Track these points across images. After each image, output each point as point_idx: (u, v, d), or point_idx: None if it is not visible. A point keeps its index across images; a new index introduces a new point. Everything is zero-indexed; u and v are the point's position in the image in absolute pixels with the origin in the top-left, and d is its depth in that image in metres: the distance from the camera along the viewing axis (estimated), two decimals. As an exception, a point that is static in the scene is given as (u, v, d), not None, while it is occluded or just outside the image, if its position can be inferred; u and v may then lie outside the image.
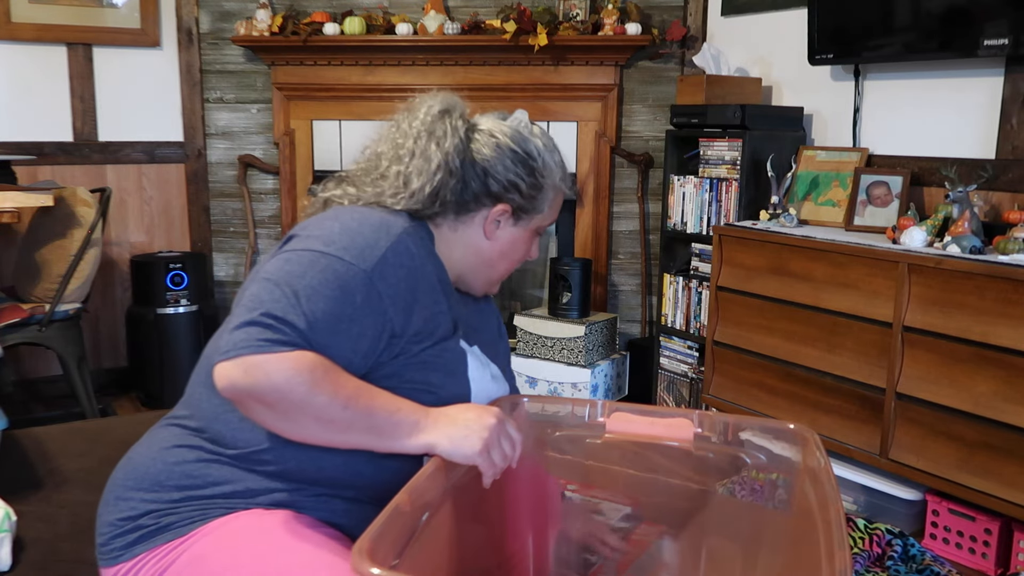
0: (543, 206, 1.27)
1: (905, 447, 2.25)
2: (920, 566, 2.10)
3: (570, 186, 1.34)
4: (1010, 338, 2.00)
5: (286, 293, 1.03)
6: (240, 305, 1.05)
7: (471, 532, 1.18)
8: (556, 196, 1.28)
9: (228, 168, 3.75)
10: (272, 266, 1.08)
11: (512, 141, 1.23)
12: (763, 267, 2.63)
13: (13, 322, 2.73)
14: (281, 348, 0.99)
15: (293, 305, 1.02)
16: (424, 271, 1.15)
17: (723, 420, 1.25)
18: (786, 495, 1.20)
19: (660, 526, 1.35)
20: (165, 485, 1.14)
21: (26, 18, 3.38)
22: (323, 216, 1.17)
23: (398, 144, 1.22)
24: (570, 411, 1.31)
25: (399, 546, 0.90)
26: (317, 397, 0.99)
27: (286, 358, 0.99)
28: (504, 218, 1.24)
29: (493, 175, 1.22)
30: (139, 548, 1.12)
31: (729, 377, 2.78)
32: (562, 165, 1.28)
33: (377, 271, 1.08)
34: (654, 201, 3.58)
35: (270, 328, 1.00)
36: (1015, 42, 2.24)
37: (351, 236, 1.10)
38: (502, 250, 1.26)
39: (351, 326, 1.06)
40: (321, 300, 1.04)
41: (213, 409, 1.15)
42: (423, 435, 1.05)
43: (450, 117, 1.22)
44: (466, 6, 3.54)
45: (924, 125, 2.65)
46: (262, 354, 0.98)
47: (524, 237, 1.28)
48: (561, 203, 1.31)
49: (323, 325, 1.03)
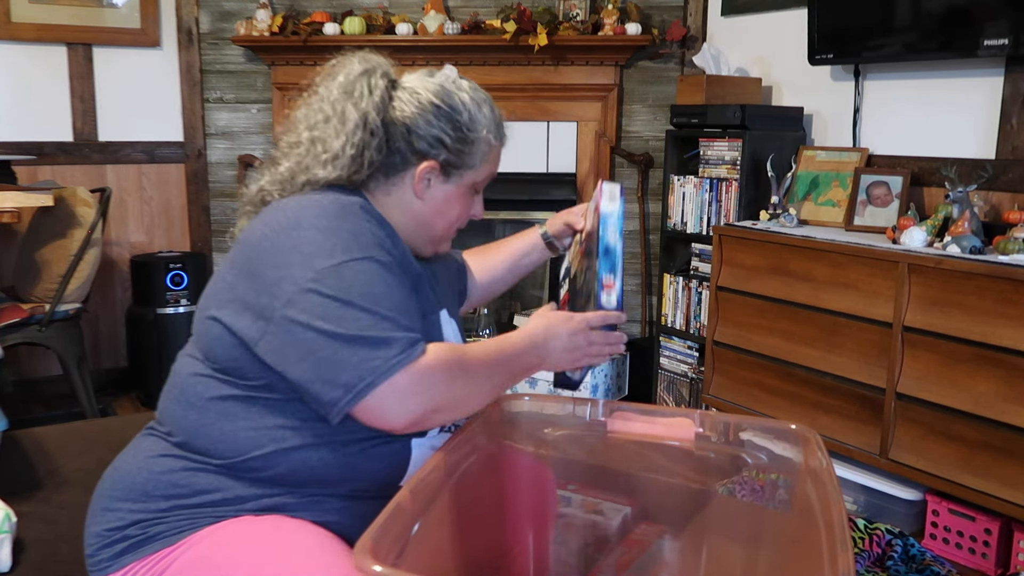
0: (474, 160, 1.22)
1: (905, 447, 2.25)
2: (920, 566, 2.10)
3: (505, 140, 1.29)
4: (1010, 338, 2.00)
5: (360, 311, 1.00)
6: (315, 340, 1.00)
7: (472, 529, 1.18)
8: (489, 150, 1.24)
9: (228, 168, 3.75)
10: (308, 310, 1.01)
11: (435, 96, 1.21)
12: (763, 267, 2.63)
13: (13, 322, 2.73)
14: (415, 352, 1.01)
15: (375, 317, 1.01)
16: (389, 233, 1.16)
17: (724, 420, 1.25)
18: (787, 495, 1.20)
19: (660, 526, 1.35)
20: (152, 495, 1.12)
21: (26, 18, 3.38)
22: (272, 219, 1.11)
23: (315, 109, 1.20)
24: (570, 411, 1.31)
25: (401, 543, 0.90)
26: (474, 377, 1.07)
27: (430, 358, 1.02)
28: (433, 175, 1.20)
29: (416, 132, 1.18)
30: (127, 558, 1.10)
31: (729, 377, 2.78)
32: (493, 118, 1.25)
33: (373, 250, 1.08)
34: (654, 201, 3.58)
35: (387, 345, 0.99)
36: (1015, 42, 2.24)
37: (335, 236, 1.06)
38: (436, 208, 1.22)
39: (409, 299, 1.09)
40: (386, 299, 1.03)
41: (191, 425, 1.13)
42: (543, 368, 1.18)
43: (371, 76, 1.20)
44: (466, 6, 3.54)
45: (924, 125, 2.65)
46: (410, 366, 0.99)
47: (458, 194, 1.23)
48: (499, 158, 1.28)
49: (406, 317, 1.04)
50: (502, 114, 1.29)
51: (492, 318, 3.65)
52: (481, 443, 1.20)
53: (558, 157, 3.60)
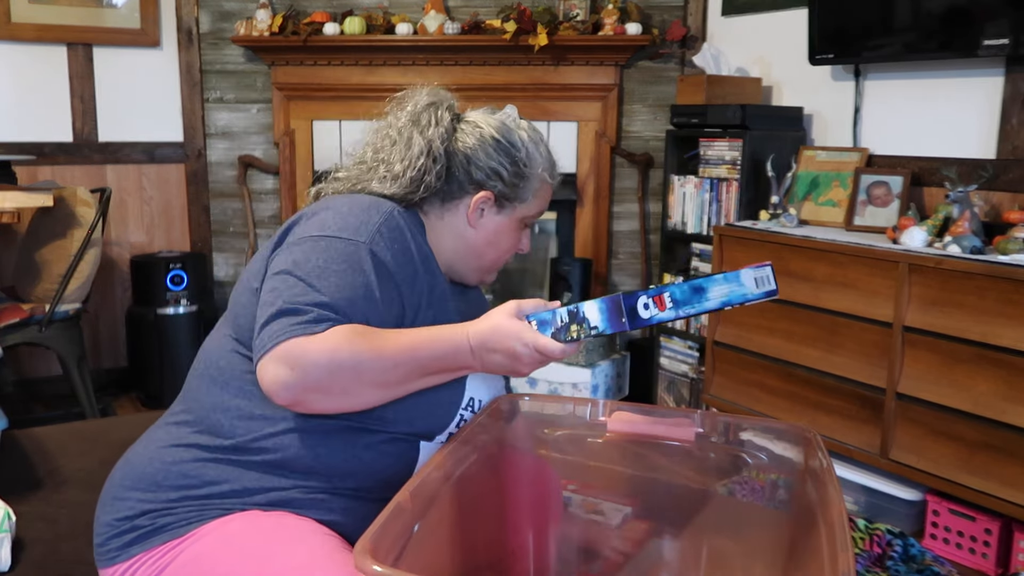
0: (527, 195, 1.28)
1: (905, 447, 2.25)
2: (920, 566, 2.10)
3: (558, 179, 1.35)
4: (1010, 338, 2.00)
5: (300, 280, 1.06)
6: (260, 305, 1.07)
7: (472, 529, 1.18)
8: (542, 186, 1.30)
9: (228, 168, 3.75)
10: (277, 262, 1.11)
11: (496, 131, 1.27)
12: (763, 267, 2.63)
13: (13, 322, 2.73)
14: (314, 328, 1.01)
15: (308, 288, 1.05)
16: (418, 246, 1.19)
17: (724, 420, 1.25)
18: (787, 495, 1.20)
19: (660, 526, 1.35)
20: (162, 485, 1.14)
21: (26, 18, 3.38)
22: (313, 207, 1.20)
23: (384, 135, 1.27)
24: (571, 411, 1.31)
25: (401, 543, 0.90)
26: (365, 363, 1.02)
27: (323, 337, 1.01)
28: (487, 205, 1.26)
29: (475, 163, 1.25)
30: (136, 549, 1.12)
31: (729, 377, 2.78)
32: (548, 158, 1.32)
33: (375, 242, 1.12)
34: (654, 201, 3.58)
35: (296, 313, 1.02)
36: (1015, 42, 2.24)
37: (343, 218, 1.14)
38: (487, 238, 1.27)
39: (369, 294, 1.08)
40: (332, 275, 1.07)
41: (212, 399, 1.16)
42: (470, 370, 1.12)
43: (438, 108, 1.27)
44: (466, 6, 3.54)
45: (924, 125, 2.65)
46: (298, 337, 1.00)
47: (509, 226, 1.28)
48: (549, 196, 1.33)
49: (343, 298, 1.05)
50: (549, 150, 1.35)
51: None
52: (481, 443, 1.19)
53: (558, 157, 3.59)
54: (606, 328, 1.05)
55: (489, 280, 1.35)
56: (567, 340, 1.06)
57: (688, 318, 1.07)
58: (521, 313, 1.07)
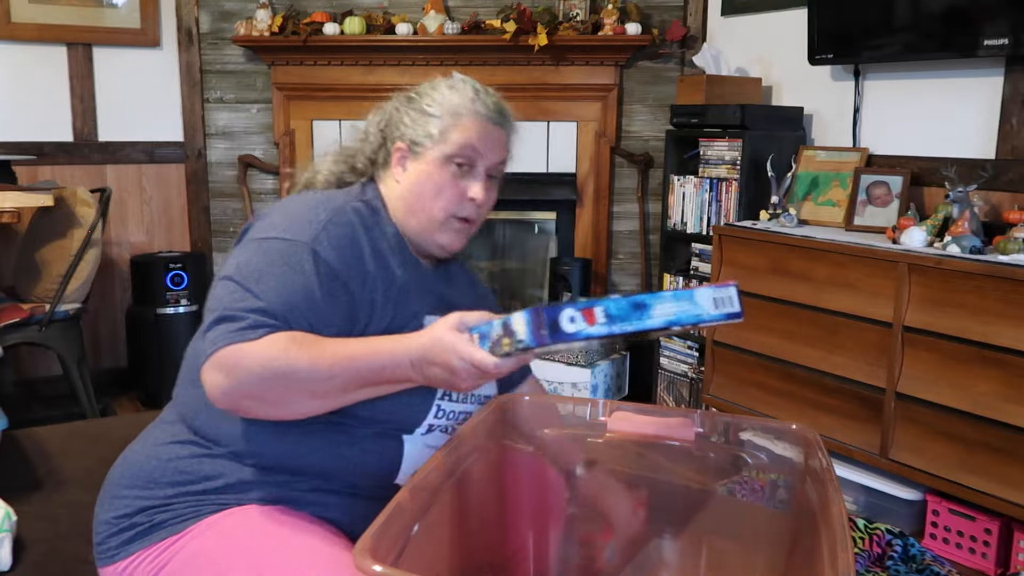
0: (435, 131, 1.24)
1: (905, 447, 2.25)
2: (920, 566, 2.10)
3: (485, 112, 1.26)
4: (1010, 338, 2.00)
5: (239, 285, 1.06)
6: (205, 311, 1.08)
7: (472, 529, 1.18)
8: (456, 122, 1.24)
9: (228, 168, 3.75)
10: (223, 267, 1.12)
11: (413, 91, 1.30)
12: (763, 267, 2.63)
13: (13, 322, 2.73)
14: (250, 334, 1.01)
15: (247, 293, 1.05)
16: (372, 240, 1.18)
17: (724, 420, 1.25)
18: (787, 495, 1.20)
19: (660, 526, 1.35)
20: (159, 482, 1.14)
21: (26, 18, 3.38)
22: (268, 208, 1.22)
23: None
24: (571, 411, 1.31)
25: (401, 543, 0.91)
26: (299, 373, 1.00)
27: (258, 344, 1.00)
28: (404, 155, 1.26)
29: (391, 124, 1.29)
30: (134, 546, 1.12)
31: (729, 377, 2.78)
32: (471, 95, 1.27)
33: (318, 241, 1.11)
34: (654, 201, 3.58)
35: (233, 320, 1.02)
36: (1015, 42, 2.24)
37: (289, 217, 1.14)
38: (415, 188, 1.24)
39: (310, 295, 1.07)
40: (271, 279, 1.07)
41: (194, 403, 1.17)
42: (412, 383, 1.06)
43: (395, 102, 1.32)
44: (466, 6, 3.54)
45: (924, 125, 2.65)
46: (233, 345, 1.00)
47: (432, 170, 1.23)
48: (475, 131, 1.25)
49: (281, 301, 1.05)
50: (491, 95, 1.31)
51: (492, 318, 3.65)
52: (481, 443, 1.20)
53: (558, 157, 3.61)
54: (530, 342, 0.96)
55: (447, 243, 1.26)
56: (501, 354, 0.98)
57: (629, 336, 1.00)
58: (463, 325, 1.01)
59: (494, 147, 1.27)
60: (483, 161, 1.26)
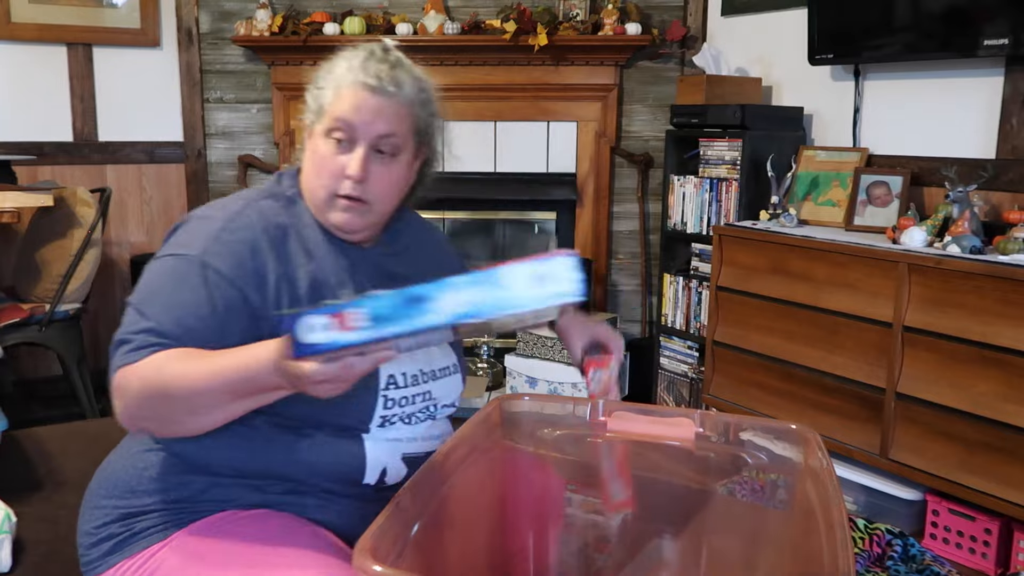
0: (324, 104, 1.18)
1: (905, 447, 2.25)
2: (920, 566, 2.10)
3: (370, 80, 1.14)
4: (1010, 338, 2.00)
5: (133, 308, 1.08)
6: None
7: (472, 530, 1.18)
8: (337, 92, 1.16)
9: (228, 168, 3.75)
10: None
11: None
12: (763, 267, 2.63)
13: (13, 322, 2.73)
14: (136, 356, 1.01)
15: (139, 315, 1.06)
16: (273, 239, 1.13)
17: (724, 420, 1.25)
18: (787, 495, 1.20)
19: (660, 526, 1.35)
20: (136, 491, 1.13)
21: (26, 18, 3.38)
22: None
23: None
24: (571, 411, 1.31)
25: (401, 543, 0.90)
26: (172, 390, 0.98)
27: (140, 365, 1.01)
28: (307, 135, 1.21)
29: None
30: (115, 557, 1.11)
31: (729, 377, 2.78)
32: (358, 64, 1.16)
33: (208, 252, 1.09)
34: (654, 201, 3.58)
35: (124, 343, 1.03)
36: (1015, 42, 2.24)
37: (188, 230, 1.14)
38: (309, 167, 1.19)
39: (199, 310, 1.06)
40: (160, 298, 1.07)
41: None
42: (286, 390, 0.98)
43: None
44: (466, 6, 3.54)
45: (924, 125, 2.65)
46: (123, 368, 1.01)
47: (319, 145, 1.17)
48: (358, 101, 1.14)
49: (170, 319, 1.04)
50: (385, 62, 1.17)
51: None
52: (481, 443, 1.19)
53: (558, 157, 3.60)
54: (295, 352, 0.84)
55: (334, 220, 1.18)
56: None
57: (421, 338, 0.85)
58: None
59: (374, 119, 1.14)
60: (362, 134, 1.15)
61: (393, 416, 1.17)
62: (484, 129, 3.59)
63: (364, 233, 1.22)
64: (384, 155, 1.16)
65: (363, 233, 1.21)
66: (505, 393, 3.29)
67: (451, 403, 1.30)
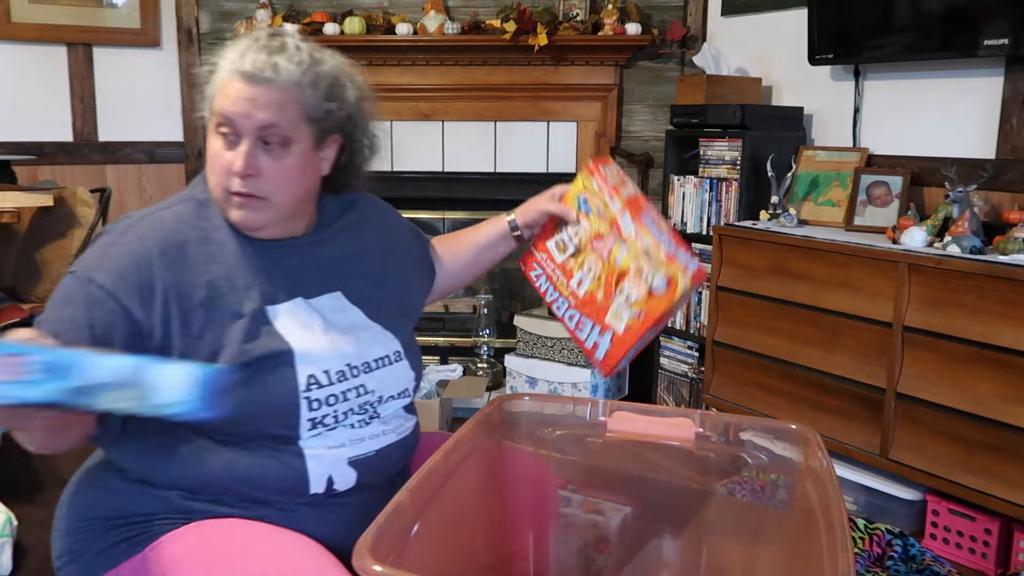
0: (210, 98, 1.13)
1: (905, 447, 2.25)
2: (920, 566, 2.10)
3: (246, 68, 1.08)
4: (1010, 338, 2.00)
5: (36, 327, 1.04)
6: None
7: (472, 529, 1.18)
8: (220, 83, 1.11)
9: (228, 168, 3.75)
10: None
11: None
12: (763, 267, 2.63)
13: (13, 322, 2.73)
14: None
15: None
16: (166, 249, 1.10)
17: (724, 420, 1.25)
18: (787, 495, 1.20)
19: (660, 526, 1.35)
20: (98, 508, 1.12)
21: (26, 18, 3.38)
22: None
23: None
24: (571, 411, 1.31)
25: (401, 543, 0.90)
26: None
27: None
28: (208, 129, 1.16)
29: None
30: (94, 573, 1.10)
31: (729, 377, 2.78)
32: (240, 52, 1.10)
33: (94, 268, 1.08)
34: (654, 201, 3.58)
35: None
36: (1015, 42, 2.24)
37: (91, 246, 1.12)
38: (207, 161, 1.15)
39: (78, 326, 1.03)
40: (50, 315, 1.06)
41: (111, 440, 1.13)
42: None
43: None
44: (466, 6, 3.54)
45: (924, 125, 2.65)
46: None
47: (210, 141, 1.13)
48: (235, 91, 1.09)
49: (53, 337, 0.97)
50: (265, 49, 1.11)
51: (492, 318, 3.65)
52: (481, 443, 1.20)
53: (558, 157, 3.60)
54: None
55: (232, 217, 1.13)
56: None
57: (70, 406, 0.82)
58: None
59: (252, 109, 1.08)
60: (244, 127, 1.09)
61: (325, 417, 1.11)
62: (484, 129, 3.59)
63: (272, 229, 1.15)
64: (272, 147, 1.10)
65: (270, 229, 1.15)
66: (505, 393, 3.29)
67: (399, 394, 1.21)
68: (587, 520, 1.39)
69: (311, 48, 1.16)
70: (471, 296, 3.80)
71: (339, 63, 1.21)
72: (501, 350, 3.60)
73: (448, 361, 3.64)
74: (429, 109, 3.56)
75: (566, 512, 1.39)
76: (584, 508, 1.40)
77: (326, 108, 1.14)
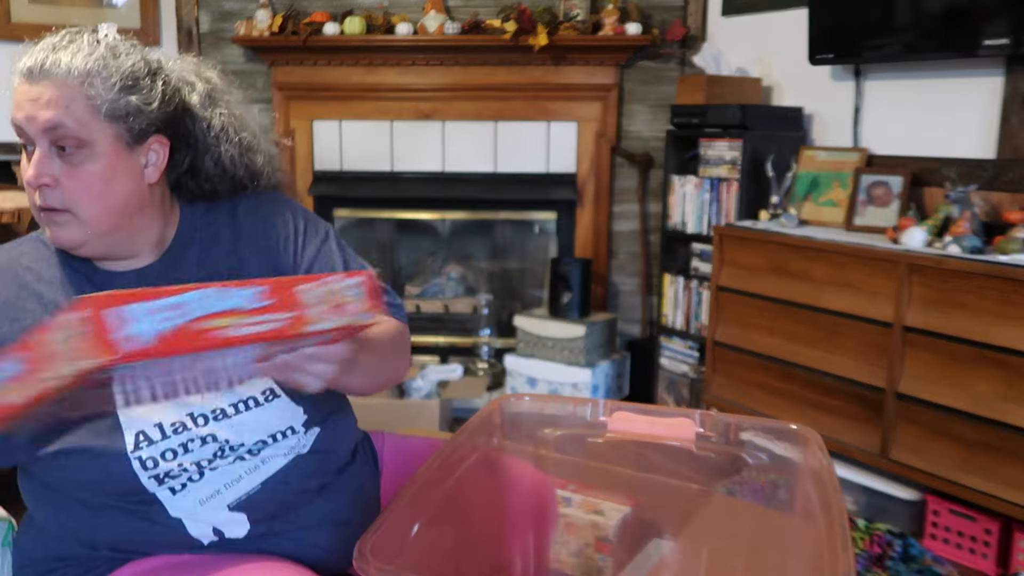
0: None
1: (905, 447, 2.25)
2: (920, 566, 2.10)
3: (26, 65, 1.00)
4: (1010, 338, 2.00)
5: None
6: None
7: (471, 530, 1.18)
8: (11, 88, 1.02)
9: (228, 168, 3.75)
10: None
11: None
12: (763, 267, 2.63)
13: None
14: None
15: None
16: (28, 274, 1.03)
17: (724, 420, 1.25)
18: (787, 495, 1.20)
19: (660, 526, 1.35)
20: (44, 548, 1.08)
21: (26, 18, 3.38)
22: None
23: None
24: (571, 411, 1.31)
25: (401, 544, 0.90)
26: None
27: None
28: None
29: None
30: None
31: (729, 377, 2.78)
32: (30, 52, 1.03)
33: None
34: (654, 201, 3.58)
35: None
36: (1015, 42, 2.24)
37: None
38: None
39: None
40: None
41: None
42: None
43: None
44: (466, 6, 3.54)
45: (924, 125, 2.65)
46: None
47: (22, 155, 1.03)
48: (18, 95, 1.00)
49: None
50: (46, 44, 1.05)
51: (492, 318, 3.65)
52: (481, 444, 1.20)
53: (558, 157, 3.60)
54: None
55: (55, 239, 1.02)
56: None
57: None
58: None
59: (33, 111, 0.97)
60: (31, 132, 0.98)
61: (172, 471, 0.98)
62: (484, 129, 3.59)
63: (93, 247, 1.02)
64: (69, 152, 0.97)
65: (91, 247, 1.02)
66: (505, 393, 3.29)
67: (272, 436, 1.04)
68: (587, 520, 1.39)
69: (122, 45, 1.06)
70: (471, 296, 3.81)
71: (155, 57, 1.08)
72: (501, 350, 3.60)
73: (448, 361, 3.64)
74: (429, 109, 3.57)
75: (566, 512, 1.39)
76: (584, 508, 1.40)
77: (125, 103, 1.01)
